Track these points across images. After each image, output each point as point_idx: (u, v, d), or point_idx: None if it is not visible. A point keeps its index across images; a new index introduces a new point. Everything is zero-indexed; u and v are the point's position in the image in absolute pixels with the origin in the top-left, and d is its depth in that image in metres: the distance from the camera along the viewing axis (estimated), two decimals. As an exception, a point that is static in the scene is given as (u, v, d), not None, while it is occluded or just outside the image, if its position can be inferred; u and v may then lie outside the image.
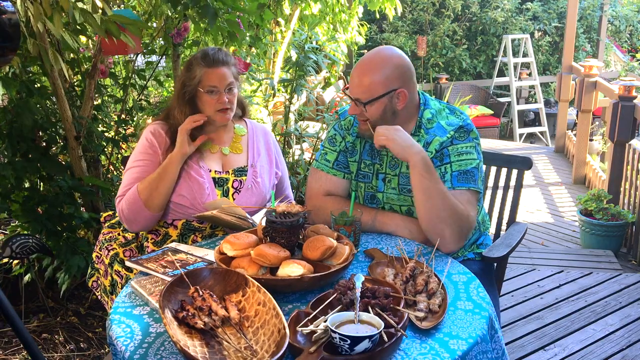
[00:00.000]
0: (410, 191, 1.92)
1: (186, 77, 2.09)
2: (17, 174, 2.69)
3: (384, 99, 1.86)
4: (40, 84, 2.84)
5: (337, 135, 2.07)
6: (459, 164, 1.88)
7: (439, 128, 1.92)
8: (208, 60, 2.06)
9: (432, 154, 1.89)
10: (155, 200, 2.00)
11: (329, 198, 2.02)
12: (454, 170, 1.87)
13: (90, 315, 3.01)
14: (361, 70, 1.88)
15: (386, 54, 1.88)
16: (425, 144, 1.91)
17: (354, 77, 1.89)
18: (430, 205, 1.76)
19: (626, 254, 4.11)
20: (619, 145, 4.45)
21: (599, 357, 2.74)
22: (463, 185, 1.86)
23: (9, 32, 1.41)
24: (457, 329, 1.38)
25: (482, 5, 9.58)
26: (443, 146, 1.89)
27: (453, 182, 1.86)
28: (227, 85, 2.07)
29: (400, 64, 1.87)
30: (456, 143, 1.89)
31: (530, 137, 9.07)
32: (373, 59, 1.87)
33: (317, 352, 1.23)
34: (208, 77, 2.05)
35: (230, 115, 2.12)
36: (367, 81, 1.85)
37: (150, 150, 2.08)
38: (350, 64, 8.03)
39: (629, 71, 9.13)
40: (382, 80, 1.84)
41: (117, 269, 2.08)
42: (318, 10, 4.64)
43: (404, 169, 1.94)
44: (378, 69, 1.85)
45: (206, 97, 2.06)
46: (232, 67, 2.11)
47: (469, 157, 1.89)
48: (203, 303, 1.37)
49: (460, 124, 1.91)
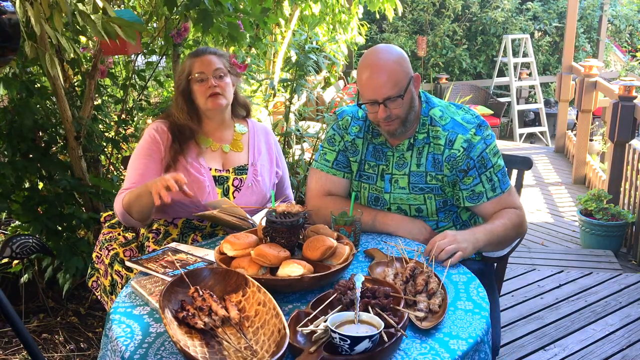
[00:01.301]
0: (421, 189, 1.95)
1: (179, 74, 2.15)
2: (17, 173, 2.69)
3: (410, 87, 1.89)
4: (40, 84, 2.84)
5: (336, 135, 2.07)
6: (498, 164, 1.95)
7: (455, 125, 1.94)
8: (196, 51, 2.14)
9: (459, 151, 1.91)
10: (136, 216, 2.01)
11: (329, 198, 2.02)
12: (497, 172, 1.94)
13: (90, 315, 3.01)
14: (378, 70, 1.85)
15: (388, 48, 1.91)
16: (448, 142, 1.92)
17: (373, 80, 1.85)
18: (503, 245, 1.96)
19: (626, 254, 4.11)
20: (619, 145, 4.45)
21: (599, 357, 2.74)
22: (507, 185, 1.97)
23: (9, 32, 1.41)
24: (457, 329, 1.38)
25: (482, 5, 9.58)
26: (481, 149, 1.91)
27: (502, 187, 1.95)
28: (214, 70, 2.08)
29: (402, 53, 1.92)
30: (489, 143, 1.94)
31: (530, 137, 9.07)
32: (380, 57, 1.88)
33: (317, 352, 1.23)
34: (195, 65, 2.09)
35: (223, 101, 2.10)
36: (390, 75, 1.85)
37: (154, 147, 2.09)
38: (351, 64, 8.03)
39: (629, 71, 9.14)
40: (402, 71, 1.87)
41: (117, 269, 2.08)
42: (318, 10, 4.65)
43: (414, 167, 1.95)
44: (392, 63, 1.86)
45: (196, 86, 2.09)
46: (222, 57, 2.13)
47: (499, 155, 1.97)
48: (203, 303, 1.37)
49: (478, 122, 1.95)
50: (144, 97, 3.32)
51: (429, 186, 1.94)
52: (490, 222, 1.91)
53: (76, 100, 2.93)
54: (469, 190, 1.93)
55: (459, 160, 1.90)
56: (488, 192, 1.94)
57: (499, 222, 1.90)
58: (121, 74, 3.48)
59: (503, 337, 2.89)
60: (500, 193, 1.95)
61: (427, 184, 1.94)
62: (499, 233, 1.88)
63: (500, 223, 1.90)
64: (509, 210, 1.95)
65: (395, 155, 1.98)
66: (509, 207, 1.96)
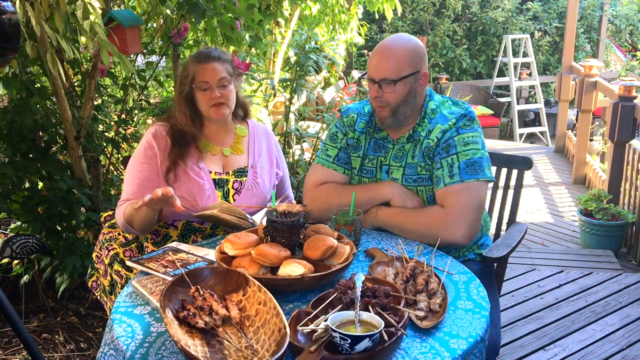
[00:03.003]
0: (415, 181, 1.96)
1: (182, 76, 2.12)
2: (17, 173, 2.68)
3: (411, 79, 1.90)
4: (40, 84, 2.84)
5: (339, 133, 2.09)
6: (465, 154, 1.88)
7: (441, 117, 1.95)
8: (200, 56, 2.09)
9: (433, 141, 1.91)
10: (137, 227, 2.00)
11: (323, 186, 2.05)
12: (461, 161, 1.88)
13: (90, 315, 3.01)
14: (387, 52, 1.91)
15: (407, 38, 1.95)
16: (427, 132, 1.93)
17: (378, 59, 1.91)
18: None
19: (626, 254, 4.11)
20: (619, 145, 4.44)
21: (599, 357, 2.74)
22: (472, 177, 1.87)
23: (9, 32, 1.41)
24: (458, 328, 1.39)
25: (482, 5, 9.58)
26: (449, 136, 1.90)
27: (462, 175, 1.87)
28: (218, 79, 2.05)
29: (421, 47, 1.93)
30: (462, 132, 1.91)
31: (530, 137, 9.07)
32: (396, 41, 1.92)
33: (318, 351, 1.23)
34: (199, 73, 2.06)
35: (226, 110, 2.10)
36: (395, 60, 1.88)
37: (150, 153, 2.08)
38: (350, 64, 8.03)
39: (629, 71, 9.14)
40: (410, 60, 1.89)
41: (117, 269, 2.08)
42: (317, 10, 4.65)
43: (410, 159, 1.96)
44: (404, 50, 1.90)
45: (199, 94, 2.07)
46: (226, 63, 2.10)
47: (475, 147, 1.90)
48: (204, 302, 1.37)
49: (462, 112, 1.93)
50: (143, 97, 3.31)
51: (420, 176, 1.95)
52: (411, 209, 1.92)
53: (76, 100, 2.93)
54: (434, 175, 1.93)
55: (432, 149, 1.92)
56: (445, 177, 1.88)
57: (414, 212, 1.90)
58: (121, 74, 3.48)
59: (503, 337, 2.89)
60: (459, 182, 1.85)
61: (419, 174, 1.95)
62: (403, 222, 1.90)
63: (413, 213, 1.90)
64: (434, 207, 1.89)
65: (395, 147, 2.00)
66: (454, 202, 1.85)
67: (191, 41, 3.42)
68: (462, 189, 1.86)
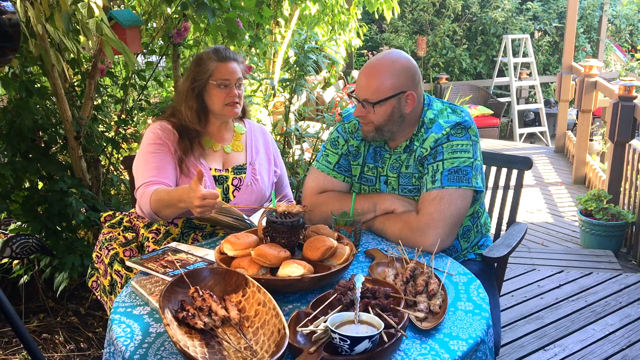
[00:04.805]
0: (410, 191, 1.94)
1: (197, 71, 2.11)
2: (17, 173, 2.68)
3: (392, 101, 1.86)
4: (40, 84, 2.84)
5: (340, 138, 2.07)
6: (452, 161, 1.85)
7: (437, 126, 1.91)
8: (220, 55, 2.11)
9: (426, 150, 1.89)
10: (163, 215, 2.00)
11: (324, 194, 2.04)
12: (445, 168, 1.85)
13: (90, 315, 3.01)
14: (370, 72, 1.87)
15: (394, 56, 1.89)
16: (422, 142, 1.91)
17: (362, 79, 1.89)
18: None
19: (626, 254, 4.11)
20: (619, 146, 4.44)
21: (599, 357, 2.74)
22: (453, 184, 1.83)
23: (9, 32, 1.41)
24: (457, 329, 1.38)
25: (482, 5, 9.58)
26: (438, 143, 1.88)
27: (443, 182, 1.83)
28: (237, 79, 2.11)
29: (409, 67, 1.88)
30: (452, 140, 1.87)
31: (530, 137, 9.07)
32: (382, 61, 1.88)
33: (317, 352, 1.23)
34: (220, 71, 2.08)
35: (239, 110, 2.15)
36: (376, 82, 1.85)
37: (160, 141, 2.10)
38: (350, 65, 8.03)
39: (629, 71, 9.13)
40: (391, 82, 1.85)
41: (116, 269, 2.08)
42: (316, 10, 4.64)
43: (404, 169, 1.95)
44: (387, 71, 1.85)
45: (216, 91, 2.08)
46: (241, 64, 2.16)
47: (463, 155, 1.85)
48: (203, 303, 1.37)
49: (458, 121, 1.89)
50: (143, 97, 3.32)
51: (416, 187, 1.94)
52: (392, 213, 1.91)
53: (76, 100, 2.93)
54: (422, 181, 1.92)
55: (424, 158, 1.90)
56: (428, 182, 1.86)
57: (392, 217, 1.89)
58: (121, 73, 3.48)
59: (503, 337, 2.89)
60: (438, 187, 1.82)
61: (414, 185, 1.94)
62: (383, 224, 1.90)
63: (391, 217, 1.89)
64: (411, 213, 1.86)
65: (392, 157, 1.98)
66: (429, 208, 1.81)
67: (191, 41, 3.42)
68: (441, 195, 1.82)
